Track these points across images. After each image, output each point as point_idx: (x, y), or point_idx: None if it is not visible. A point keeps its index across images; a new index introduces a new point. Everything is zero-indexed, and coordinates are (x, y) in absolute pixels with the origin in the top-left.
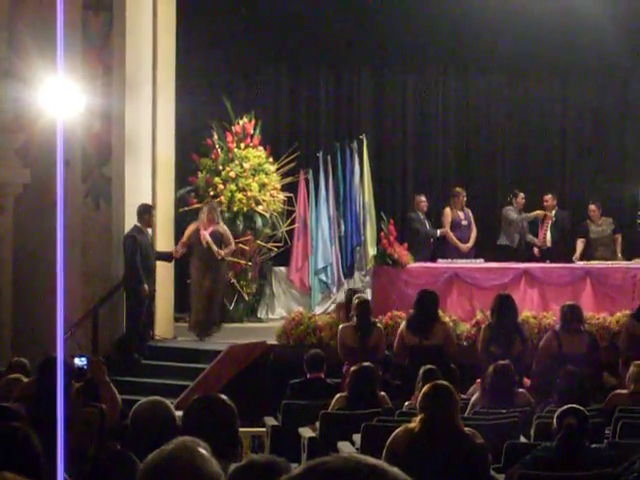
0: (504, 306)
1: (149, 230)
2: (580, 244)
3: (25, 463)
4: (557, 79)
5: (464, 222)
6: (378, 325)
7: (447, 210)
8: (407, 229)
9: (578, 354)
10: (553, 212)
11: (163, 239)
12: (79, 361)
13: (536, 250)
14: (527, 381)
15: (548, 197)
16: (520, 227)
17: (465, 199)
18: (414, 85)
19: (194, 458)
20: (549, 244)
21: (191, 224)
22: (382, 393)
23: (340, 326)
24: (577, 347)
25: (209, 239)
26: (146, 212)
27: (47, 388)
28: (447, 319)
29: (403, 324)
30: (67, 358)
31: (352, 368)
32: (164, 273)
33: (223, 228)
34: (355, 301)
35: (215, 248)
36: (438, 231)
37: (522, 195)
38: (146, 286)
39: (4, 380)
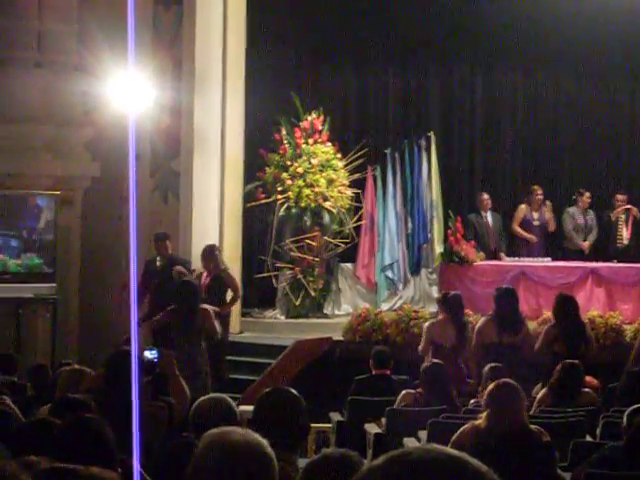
0: (566, 306)
1: (158, 259)
2: None
3: (98, 453)
4: (626, 78)
5: (535, 222)
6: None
7: (522, 206)
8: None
9: None
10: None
11: (230, 234)
12: (150, 354)
13: (585, 245)
14: (592, 380)
15: (621, 197)
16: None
17: (541, 198)
18: (483, 82)
19: (249, 434)
20: (626, 242)
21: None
22: (453, 390)
23: (428, 322)
24: None
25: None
26: (153, 240)
27: (116, 381)
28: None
29: (482, 321)
30: (137, 351)
31: (425, 365)
32: (231, 268)
33: (226, 274)
34: (449, 295)
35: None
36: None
37: (588, 194)
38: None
39: (67, 371)
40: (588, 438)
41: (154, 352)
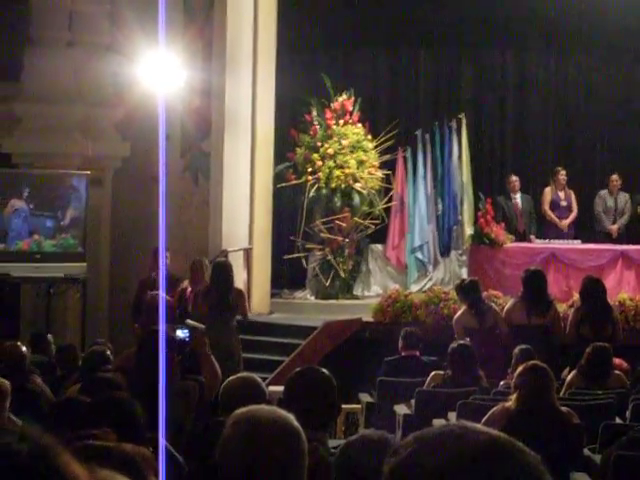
0: (593, 289)
1: (152, 275)
2: None
3: (129, 431)
4: None
5: (563, 203)
6: (493, 306)
7: (547, 189)
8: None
9: None
10: None
11: (261, 215)
12: (181, 333)
13: (613, 228)
14: (621, 362)
15: None
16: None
17: (565, 178)
18: (514, 64)
19: (276, 411)
20: None
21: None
22: (480, 372)
23: (456, 315)
24: None
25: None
26: (152, 254)
27: (146, 360)
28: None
29: (511, 303)
30: (169, 330)
31: (452, 346)
32: (261, 249)
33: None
34: (464, 282)
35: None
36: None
37: (615, 177)
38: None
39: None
40: (618, 420)
41: (186, 331)
